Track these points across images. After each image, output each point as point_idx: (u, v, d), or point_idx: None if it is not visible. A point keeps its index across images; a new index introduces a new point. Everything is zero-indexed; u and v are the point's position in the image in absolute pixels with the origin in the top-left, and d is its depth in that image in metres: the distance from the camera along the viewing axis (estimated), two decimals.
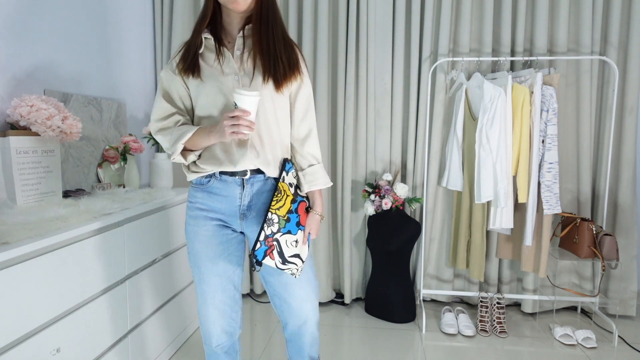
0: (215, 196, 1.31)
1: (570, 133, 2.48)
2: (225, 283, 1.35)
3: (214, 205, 1.31)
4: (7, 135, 1.48)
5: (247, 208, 1.31)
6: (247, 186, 1.30)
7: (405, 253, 2.50)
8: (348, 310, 2.66)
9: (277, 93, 1.28)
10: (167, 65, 1.33)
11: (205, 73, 1.26)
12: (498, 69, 2.47)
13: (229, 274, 1.35)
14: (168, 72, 1.31)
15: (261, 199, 1.31)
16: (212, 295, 1.34)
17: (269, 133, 1.28)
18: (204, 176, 1.31)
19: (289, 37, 1.30)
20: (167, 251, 1.95)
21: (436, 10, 2.51)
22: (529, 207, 2.26)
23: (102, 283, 1.49)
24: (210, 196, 1.31)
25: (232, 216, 1.32)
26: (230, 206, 1.31)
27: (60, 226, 1.32)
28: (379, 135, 2.63)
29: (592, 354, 2.15)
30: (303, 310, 1.37)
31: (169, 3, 2.65)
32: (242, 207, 1.31)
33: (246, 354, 2.13)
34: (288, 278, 1.34)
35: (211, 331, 1.36)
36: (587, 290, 2.54)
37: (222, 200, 1.30)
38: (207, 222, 1.32)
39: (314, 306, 1.39)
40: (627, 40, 2.41)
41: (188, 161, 1.29)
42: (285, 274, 1.34)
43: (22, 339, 1.17)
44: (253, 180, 1.30)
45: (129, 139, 2.11)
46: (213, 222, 1.32)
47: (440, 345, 2.22)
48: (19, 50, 1.69)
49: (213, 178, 1.30)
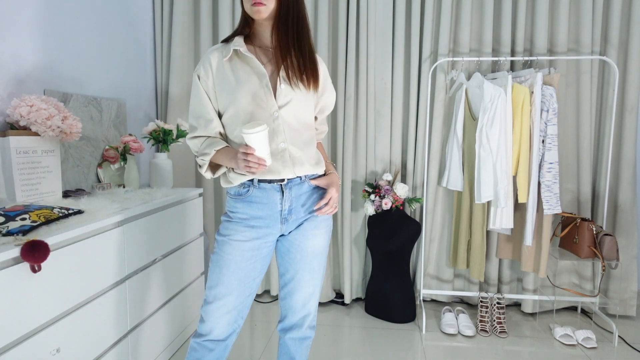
0: (256, 204, 1.31)
1: (570, 133, 2.48)
2: (243, 288, 1.34)
3: (255, 214, 1.32)
4: (7, 135, 1.48)
5: (289, 212, 1.33)
6: (286, 191, 1.31)
7: (405, 253, 2.50)
8: (348, 310, 2.66)
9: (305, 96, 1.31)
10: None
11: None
12: (498, 69, 2.47)
13: (249, 280, 1.34)
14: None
15: (300, 202, 1.34)
16: (227, 298, 1.32)
17: (299, 138, 1.32)
18: (242, 186, 1.32)
19: (311, 39, 1.33)
20: (167, 251, 1.95)
21: (436, 10, 2.51)
22: (529, 207, 2.26)
23: (102, 283, 1.49)
24: (251, 205, 1.31)
25: (273, 220, 1.33)
26: (272, 212, 1.32)
27: (60, 227, 1.32)
28: (379, 135, 2.63)
29: (592, 354, 2.14)
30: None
31: (169, 3, 2.65)
32: (284, 212, 1.33)
33: (246, 354, 2.13)
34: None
35: (213, 329, 1.34)
36: (587, 290, 2.54)
37: (263, 208, 1.31)
38: (245, 230, 1.31)
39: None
40: (627, 40, 2.41)
41: (217, 174, 1.34)
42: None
43: (22, 339, 1.17)
44: (291, 184, 1.32)
45: (129, 139, 2.11)
46: (252, 230, 1.32)
47: (440, 345, 2.22)
48: (19, 50, 1.69)
49: (252, 187, 1.31)
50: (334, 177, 1.40)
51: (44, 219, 1.28)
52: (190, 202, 2.17)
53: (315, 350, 2.17)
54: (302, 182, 1.33)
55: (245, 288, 1.34)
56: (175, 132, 2.26)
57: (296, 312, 1.42)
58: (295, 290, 1.40)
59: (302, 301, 1.41)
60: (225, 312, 1.33)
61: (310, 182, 1.35)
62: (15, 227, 1.20)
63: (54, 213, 1.35)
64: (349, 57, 2.54)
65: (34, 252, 1.13)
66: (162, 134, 2.20)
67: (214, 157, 1.29)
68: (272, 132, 1.27)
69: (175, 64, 2.63)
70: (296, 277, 1.39)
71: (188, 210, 2.14)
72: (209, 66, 1.30)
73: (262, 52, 1.32)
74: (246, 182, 1.31)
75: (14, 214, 1.24)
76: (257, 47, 1.33)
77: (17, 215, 1.24)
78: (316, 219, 1.37)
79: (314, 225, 1.37)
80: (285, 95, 1.28)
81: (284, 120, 1.28)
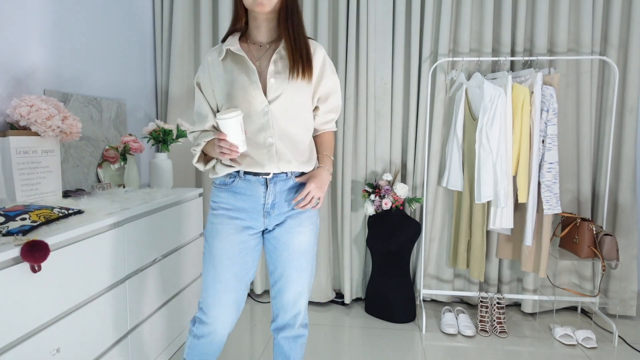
0: (240, 195, 1.35)
1: (570, 133, 2.48)
2: (239, 283, 1.38)
3: (238, 205, 1.36)
4: (7, 135, 1.48)
5: (271, 206, 1.36)
6: (270, 185, 1.34)
7: (405, 253, 2.50)
8: (348, 310, 2.66)
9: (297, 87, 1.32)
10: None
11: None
12: (498, 69, 2.47)
13: (243, 274, 1.38)
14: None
15: (283, 197, 1.36)
16: (227, 295, 1.36)
17: (288, 134, 1.33)
18: (228, 176, 1.36)
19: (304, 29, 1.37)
20: (167, 251, 1.95)
21: (436, 10, 2.51)
22: (529, 207, 2.26)
23: (102, 283, 1.49)
24: (235, 196, 1.36)
25: (255, 213, 1.36)
26: (255, 205, 1.35)
27: (60, 227, 1.32)
28: (379, 135, 2.63)
29: (592, 354, 2.14)
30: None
31: (169, 3, 2.65)
32: (267, 206, 1.36)
33: (246, 354, 2.13)
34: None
35: (217, 331, 1.38)
36: (587, 290, 2.54)
37: (247, 200, 1.35)
38: (229, 222, 1.36)
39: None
40: (627, 40, 2.41)
41: (208, 166, 1.38)
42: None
43: (22, 339, 1.17)
44: (276, 179, 1.35)
45: (128, 139, 2.11)
46: (235, 221, 1.36)
47: (440, 345, 2.22)
48: (19, 50, 1.69)
49: (237, 178, 1.35)
50: (318, 171, 1.39)
51: (44, 219, 1.28)
52: (190, 202, 2.17)
53: (315, 350, 2.17)
54: (288, 178, 1.36)
55: (241, 283, 1.38)
56: (175, 132, 2.26)
57: (287, 310, 1.44)
58: (284, 288, 1.42)
59: (292, 299, 1.43)
60: (226, 309, 1.36)
61: (296, 180, 1.38)
62: (15, 227, 1.20)
63: (54, 213, 1.35)
64: (349, 57, 2.54)
65: (34, 252, 1.13)
66: (162, 134, 2.20)
67: (205, 148, 1.35)
68: (261, 127, 1.31)
69: (175, 64, 2.63)
70: (284, 275, 1.41)
71: (188, 210, 2.14)
72: (207, 67, 1.38)
73: (255, 49, 1.36)
74: (233, 173, 1.35)
75: (14, 214, 1.24)
76: (252, 44, 1.37)
77: (17, 215, 1.24)
78: (300, 216, 1.38)
79: (297, 223, 1.38)
80: (276, 90, 1.30)
81: (274, 115, 1.31)
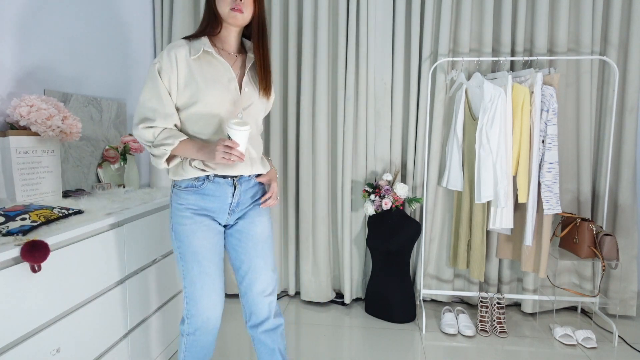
0: (208, 197, 1.39)
1: (570, 133, 2.48)
2: (220, 272, 1.44)
3: (206, 206, 1.40)
4: (7, 135, 1.48)
5: (237, 205, 1.44)
6: (238, 186, 1.42)
7: (405, 253, 2.50)
8: (348, 310, 2.66)
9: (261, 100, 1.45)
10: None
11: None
12: (498, 69, 2.47)
13: (220, 263, 1.44)
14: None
15: (247, 195, 1.45)
16: (214, 285, 1.40)
17: (257, 141, 1.47)
18: (196, 179, 1.38)
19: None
20: (167, 251, 1.95)
21: (436, 10, 2.51)
22: (529, 207, 2.26)
23: (102, 283, 1.49)
24: (203, 198, 1.39)
25: (221, 212, 1.42)
26: (222, 205, 1.41)
27: (60, 227, 1.32)
28: (379, 135, 2.63)
29: (592, 354, 2.15)
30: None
31: (169, 3, 2.65)
32: (233, 205, 1.43)
33: (246, 354, 2.13)
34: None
35: (210, 318, 1.41)
36: (587, 290, 2.54)
37: (214, 200, 1.40)
38: (201, 220, 1.40)
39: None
40: (627, 40, 2.41)
41: (171, 165, 1.38)
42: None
43: (22, 339, 1.17)
44: (242, 180, 1.43)
45: (129, 139, 2.11)
46: (205, 220, 1.40)
47: (440, 345, 2.22)
48: (19, 50, 1.69)
49: (207, 181, 1.38)
50: (273, 172, 1.53)
51: (44, 219, 1.28)
52: None
53: (316, 350, 2.17)
54: (250, 179, 1.45)
55: (222, 273, 1.44)
56: None
57: (260, 303, 1.48)
58: (254, 280, 1.47)
59: (262, 289, 1.47)
60: (215, 297, 1.41)
61: (256, 180, 1.48)
62: (15, 227, 1.20)
63: (54, 213, 1.35)
64: (349, 57, 2.54)
65: (34, 252, 1.13)
66: None
67: (175, 148, 1.33)
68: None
69: None
70: (252, 266, 1.46)
71: None
72: (174, 61, 1.32)
73: (225, 56, 1.40)
74: (201, 176, 1.37)
75: (14, 214, 1.24)
76: (221, 49, 1.41)
77: (17, 215, 1.24)
78: (257, 207, 1.49)
79: (257, 213, 1.48)
80: (249, 98, 1.41)
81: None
